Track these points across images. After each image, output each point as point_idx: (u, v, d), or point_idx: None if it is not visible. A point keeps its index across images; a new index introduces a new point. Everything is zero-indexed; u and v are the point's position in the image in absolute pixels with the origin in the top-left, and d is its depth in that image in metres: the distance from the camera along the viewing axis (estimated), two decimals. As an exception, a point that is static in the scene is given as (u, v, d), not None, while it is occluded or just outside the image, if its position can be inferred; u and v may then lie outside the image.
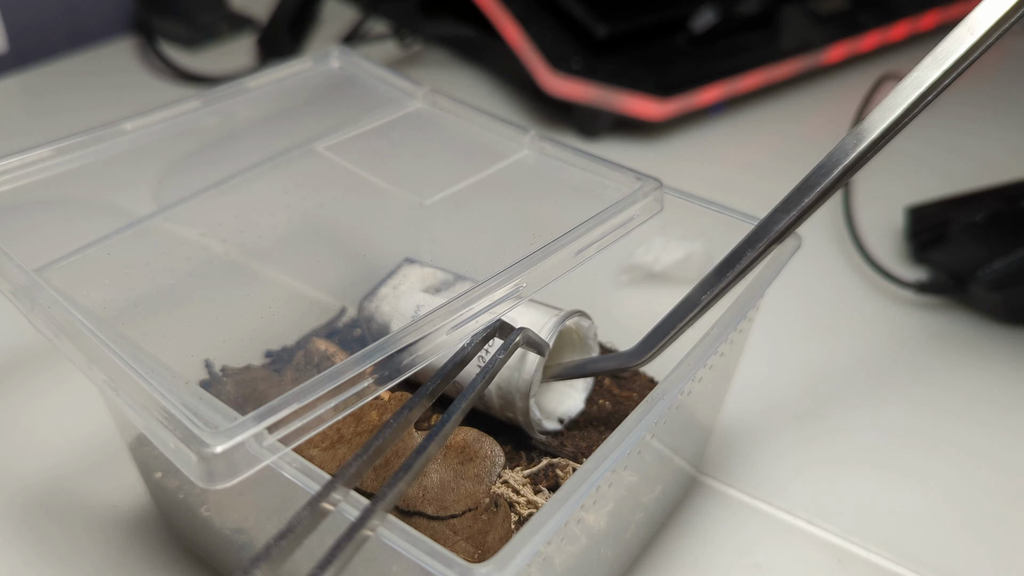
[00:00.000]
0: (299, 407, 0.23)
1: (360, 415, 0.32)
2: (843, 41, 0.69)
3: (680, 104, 0.61)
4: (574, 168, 0.33)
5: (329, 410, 0.23)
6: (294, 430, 0.23)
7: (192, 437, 0.22)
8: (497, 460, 0.30)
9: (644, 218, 0.30)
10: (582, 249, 0.28)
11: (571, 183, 0.33)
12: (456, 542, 0.28)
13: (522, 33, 0.62)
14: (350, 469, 0.23)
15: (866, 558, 0.35)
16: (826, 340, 0.46)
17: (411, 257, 0.38)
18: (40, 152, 0.32)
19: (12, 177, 0.32)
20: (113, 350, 0.24)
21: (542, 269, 0.27)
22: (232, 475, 0.22)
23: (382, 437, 0.24)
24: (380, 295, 0.36)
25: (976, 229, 0.48)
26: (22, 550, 0.34)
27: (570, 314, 0.33)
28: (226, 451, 0.21)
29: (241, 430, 0.22)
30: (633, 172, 0.31)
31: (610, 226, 0.29)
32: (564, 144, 0.34)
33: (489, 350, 0.32)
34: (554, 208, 0.34)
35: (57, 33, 0.74)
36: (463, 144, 0.36)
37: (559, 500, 0.22)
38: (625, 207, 0.30)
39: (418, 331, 0.25)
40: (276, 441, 0.22)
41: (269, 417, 0.22)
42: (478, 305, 0.26)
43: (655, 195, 0.31)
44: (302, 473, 0.23)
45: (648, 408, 0.25)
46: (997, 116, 0.68)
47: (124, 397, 0.23)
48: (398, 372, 0.24)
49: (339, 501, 0.22)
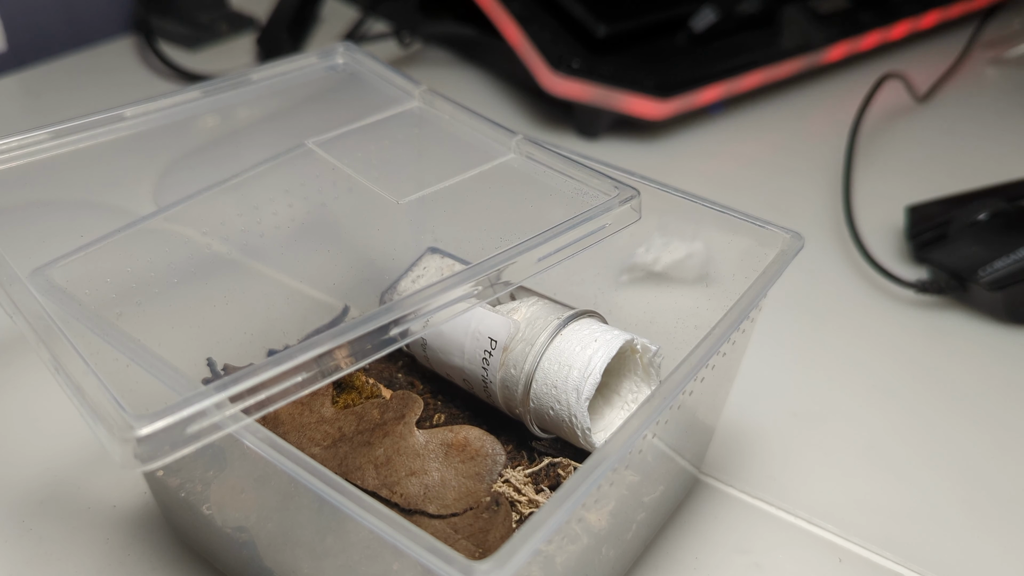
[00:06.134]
0: (266, 378, 0.23)
1: (362, 414, 0.32)
2: (843, 40, 0.69)
3: (680, 104, 0.61)
4: (556, 173, 0.33)
5: (297, 383, 0.23)
6: (258, 401, 0.23)
7: (165, 404, 0.22)
8: (498, 459, 0.30)
9: (618, 227, 0.30)
10: (545, 256, 0.28)
11: (551, 188, 0.33)
12: (457, 540, 0.28)
13: (522, 33, 0.62)
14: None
15: (867, 558, 0.35)
16: (826, 339, 0.46)
17: (435, 247, 0.38)
18: (37, 135, 0.32)
19: (8, 158, 0.31)
20: (78, 350, 0.24)
21: (507, 272, 0.28)
22: (192, 442, 0.22)
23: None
24: (400, 288, 0.36)
25: (976, 228, 0.48)
26: (22, 550, 0.34)
27: (581, 313, 0.33)
28: (192, 415, 0.22)
29: (203, 398, 0.22)
30: (612, 180, 0.31)
31: (577, 233, 0.29)
32: (550, 148, 0.34)
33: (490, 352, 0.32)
34: (528, 213, 0.34)
35: (57, 33, 0.74)
36: (450, 145, 0.36)
37: (560, 498, 0.22)
38: (596, 215, 0.30)
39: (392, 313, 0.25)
40: (239, 411, 0.23)
41: (232, 387, 0.22)
42: (444, 297, 0.26)
43: (632, 204, 0.30)
44: (267, 445, 0.24)
45: (650, 408, 0.25)
46: (997, 115, 0.68)
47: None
48: (373, 350, 0.25)
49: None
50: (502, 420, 0.34)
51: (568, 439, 0.32)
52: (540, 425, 0.32)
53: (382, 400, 0.32)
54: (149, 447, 0.21)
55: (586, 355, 0.31)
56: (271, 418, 0.32)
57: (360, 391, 0.33)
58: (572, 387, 0.30)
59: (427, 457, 0.30)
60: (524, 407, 0.32)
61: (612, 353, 0.31)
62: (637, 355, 0.32)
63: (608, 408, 0.33)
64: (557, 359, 0.31)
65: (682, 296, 0.37)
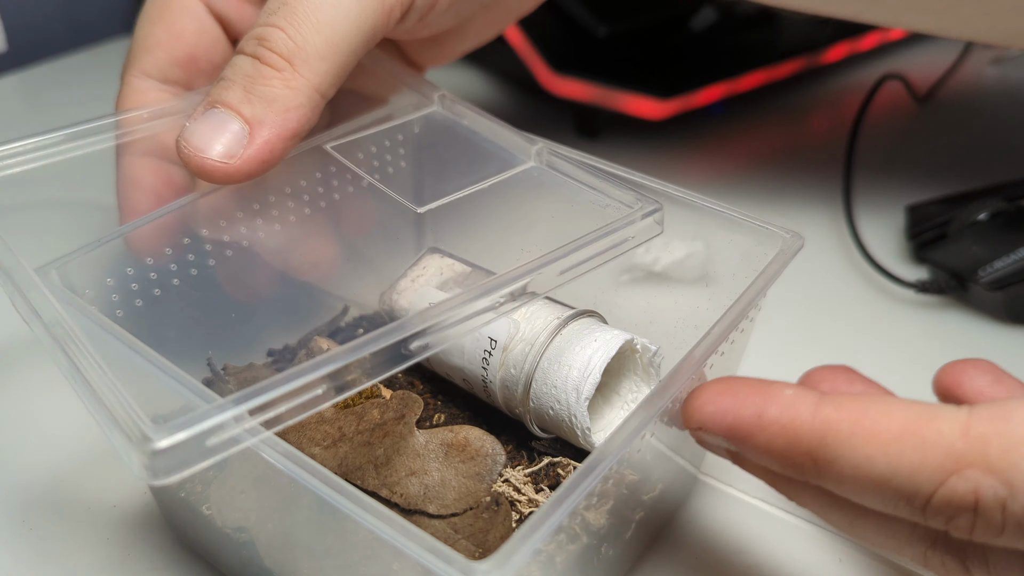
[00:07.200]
0: (283, 392, 0.22)
1: (362, 413, 0.32)
2: (843, 40, 0.69)
3: (680, 104, 0.61)
4: (577, 183, 0.33)
5: (316, 397, 0.23)
6: (276, 415, 0.23)
7: (187, 416, 0.22)
8: (498, 459, 0.30)
9: (641, 240, 0.30)
10: (567, 268, 0.28)
11: (572, 199, 0.33)
12: (457, 540, 0.28)
13: (522, 32, 0.62)
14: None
15: (867, 558, 0.35)
16: (826, 339, 0.46)
17: (436, 246, 0.37)
18: (47, 138, 0.33)
19: (17, 162, 0.32)
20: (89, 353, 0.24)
21: (530, 285, 0.27)
22: (210, 455, 0.22)
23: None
24: (399, 288, 0.36)
25: (976, 228, 0.48)
26: (22, 550, 0.34)
27: (581, 313, 0.33)
28: (211, 428, 0.21)
29: (222, 411, 0.22)
30: (634, 192, 0.31)
31: (600, 246, 0.29)
32: (571, 157, 0.33)
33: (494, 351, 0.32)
34: (549, 224, 0.34)
35: (56, 32, 0.74)
36: (469, 152, 0.35)
37: (559, 498, 0.22)
38: (619, 228, 0.29)
39: (412, 327, 0.25)
40: (257, 424, 0.22)
41: (251, 400, 0.22)
42: (466, 310, 0.26)
43: (655, 217, 0.30)
44: (284, 457, 0.23)
45: (649, 407, 0.25)
46: (997, 115, 0.68)
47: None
48: (392, 363, 0.24)
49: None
50: (502, 420, 0.34)
51: (568, 439, 0.32)
52: (540, 425, 0.32)
53: (382, 400, 0.32)
54: (167, 460, 0.21)
55: (586, 355, 0.31)
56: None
57: (360, 391, 0.33)
58: (572, 387, 0.30)
59: (427, 457, 0.30)
60: (524, 407, 0.32)
61: (612, 353, 0.31)
62: (637, 355, 0.32)
63: (608, 408, 0.33)
64: (557, 359, 0.31)
65: (682, 296, 0.37)
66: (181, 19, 0.36)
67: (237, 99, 0.30)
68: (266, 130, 0.30)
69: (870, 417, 0.22)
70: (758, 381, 0.24)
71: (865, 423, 0.22)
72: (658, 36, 0.63)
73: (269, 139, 0.30)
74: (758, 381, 0.24)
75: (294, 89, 0.30)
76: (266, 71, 0.30)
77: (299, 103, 0.31)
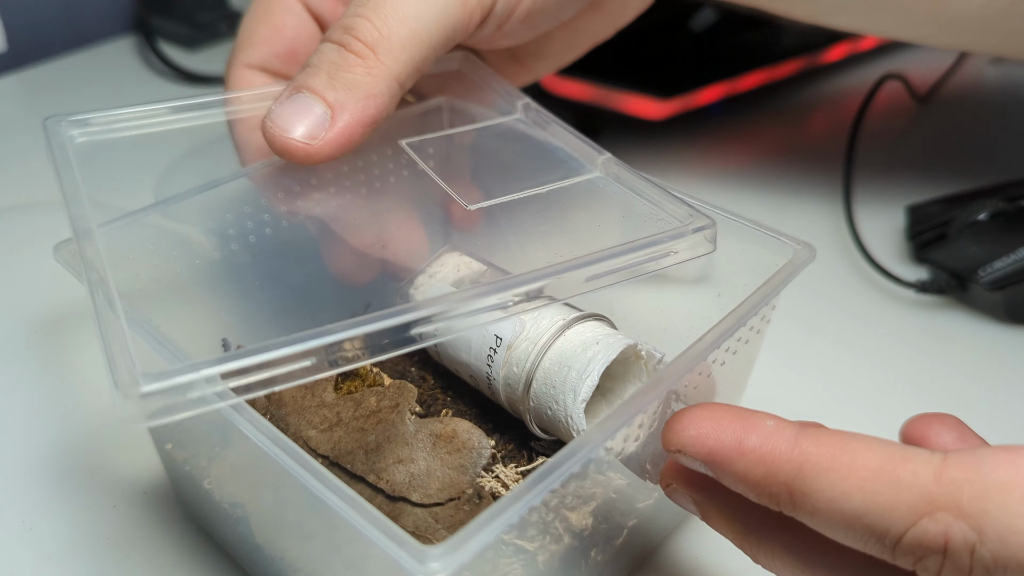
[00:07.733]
0: (273, 357, 0.23)
1: (360, 400, 0.32)
2: (843, 40, 0.69)
3: (680, 104, 0.61)
4: (635, 195, 0.32)
5: (305, 368, 0.23)
6: (263, 379, 0.23)
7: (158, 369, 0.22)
8: (483, 452, 0.31)
9: (689, 256, 0.29)
10: (595, 276, 0.27)
11: (627, 210, 0.32)
12: (437, 530, 0.28)
13: (522, 32, 0.62)
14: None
15: (866, 558, 0.35)
16: (826, 339, 0.46)
17: (454, 244, 0.38)
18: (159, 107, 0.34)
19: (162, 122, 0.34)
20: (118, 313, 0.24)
21: (549, 288, 0.27)
22: (190, 408, 0.22)
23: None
24: (417, 283, 0.36)
25: (976, 228, 0.48)
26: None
27: (588, 315, 0.33)
28: (194, 381, 0.22)
29: (209, 366, 0.22)
30: (689, 207, 0.30)
31: (636, 257, 0.28)
32: (634, 171, 0.33)
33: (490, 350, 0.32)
34: (595, 233, 0.34)
35: (57, 33, 0.74)
36: (539, 158, 0.36)
37: (523, 489, 0.22)
38: (660, 241, 0.28)
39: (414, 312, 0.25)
40: (244, 384, 0.23)
41: (239, 360, 0.22)
42: (475, 304, 0.26)
43: (706, 233, 0.29)
44: (251, 425, 0.24)
45: (633, 403, 0.26)
46: (997, 115, 0.68)
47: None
48: (390, 346, 0.24)
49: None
50: (506, 418, 0.34)
51: (565, 440, 0.32)
52: (539, 425, 0.32)
53: (380, 388, 0.32)
54: (150, 405, 0.22)
55: (586, 357, 0.31)
56: (275, 399, 0.33)
57: (363, 379, 0.34)
58: (570, 388, 0.30)
59: (415, 446, 0.30)
60: (524, 406, 0.32)
61: (612, 356, 0.31)
62: (642, 361, 0.32)
63: None
64: (558, 359, 0.31)
65: (697, 305, 0.37)
66: (282, 17, 0.38)
67: (321, 84, 0.32)
68: (347, 114, 0.32)
69: (848, 453, 0.22)
70: (740, 409, 0.25)
71: (843, 459, 0.22)
72: (658, 36, 0.63)
73: (349, 123, 0.32)
74: (740, 409, 0.25)
75: (375, 76, 0.32)
76: (350, 58, 0.32)
77: (379, 90, 0.32)
